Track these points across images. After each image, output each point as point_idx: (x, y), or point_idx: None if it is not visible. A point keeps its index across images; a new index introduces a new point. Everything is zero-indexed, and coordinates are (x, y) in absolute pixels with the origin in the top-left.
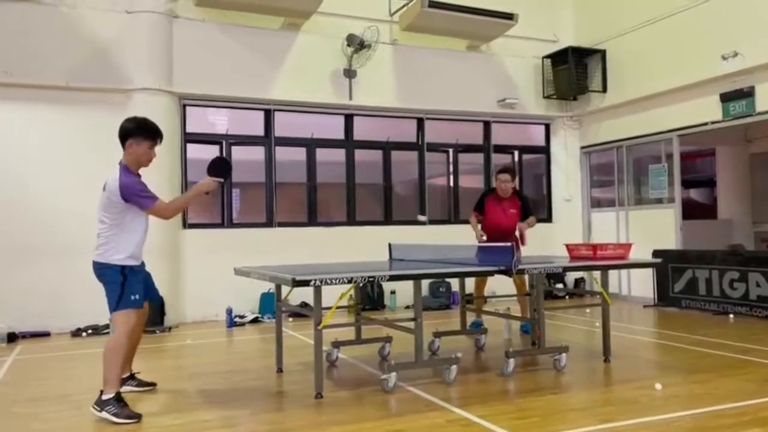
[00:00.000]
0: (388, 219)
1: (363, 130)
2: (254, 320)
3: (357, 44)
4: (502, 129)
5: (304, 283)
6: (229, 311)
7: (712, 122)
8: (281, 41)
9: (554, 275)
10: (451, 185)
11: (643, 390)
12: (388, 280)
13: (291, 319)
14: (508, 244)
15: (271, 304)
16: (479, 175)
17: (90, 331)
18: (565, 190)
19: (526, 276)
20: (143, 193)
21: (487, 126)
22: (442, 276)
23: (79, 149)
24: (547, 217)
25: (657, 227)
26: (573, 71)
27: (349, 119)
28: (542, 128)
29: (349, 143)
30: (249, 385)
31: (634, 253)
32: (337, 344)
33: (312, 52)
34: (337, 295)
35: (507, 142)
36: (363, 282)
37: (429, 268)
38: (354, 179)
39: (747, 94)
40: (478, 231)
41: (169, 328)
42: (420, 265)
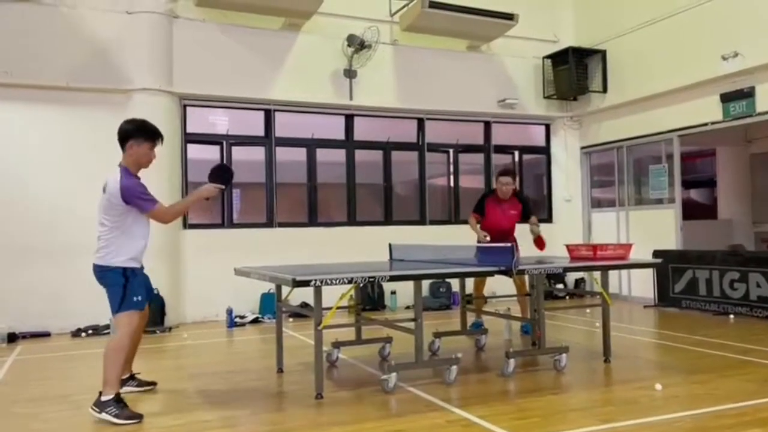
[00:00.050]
0: (388, 219)
1: (363, 130)
2: (254, 320)
3: (357, 44)
4: (502, 129)
5: (305, 283)
6: (230, 311)
7: (713, 122)
8: (281, 41)
9: (554, 275)
10: (452, 185)
11: (643, 390)
12: (389, 280)
13: (291, 319)
14: (508, 244)
15: (271, 304)
16: (479, 175)
17: (90, 332)
18: (565, 190)
19: (526, 276)
20: (144, 195)
21: (487, 126)
22: (443, 276)
23: (79, 149)
24: (548, 218)
25: (657, 227)
26: (573, 71)
27: (350, 119)
28: (542, 128)
29: (349, 143)
30: (249, 386)
31: (635, 254)
32: (337, 344)
33: (312, 52)
34: (337, 295)
35: (507, 143)
36: (363, 282)
37: (429, 268)
38: (354, 179)
39: (747, 94)
40: (480, 232)
41: (170, 329)
42: (420, 266)
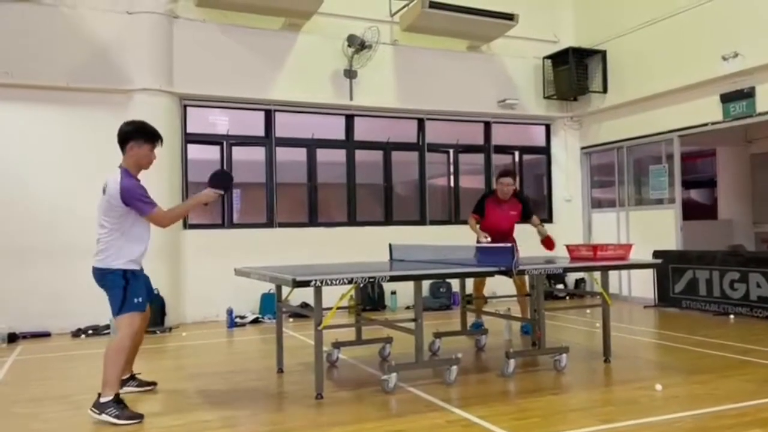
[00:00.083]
0: (388, 219)
1: (363, 130)
2: (255, 321)
3: (357, 45)
4: (502, 129)
5: (305, 283)
6: (230, 312)
7: (713, 123)
8: (282, 42)
9: (554, 276)
10: (452, 186)
11: (643, 390)
12: (389, 280)
13: (291, 319)
14: (508, 244)
15: (271, 304)
16: (480, 175)
17: (90, 332)
18: (565, 190)
19: (527, 276)
20: (144, 198)
21: (487, 126)
22: (443, 276)
23: (79, 149)
24: (548, 218)
25: (657, 228)
26: (573, 72)
27: (350, 120)
28: (543, 129)
29: (349, 144)
30: (249, 386)
31: (635, 254)
32: (337, 345)
33: (312, 52)
34: (337, 295)
35: (507, 143)
36: (363, 282)
37: (429, 268)
38: (354, 180)
39: (747, 94)
40: (480, 233)
41: (170, 329)
42: (420, 266)
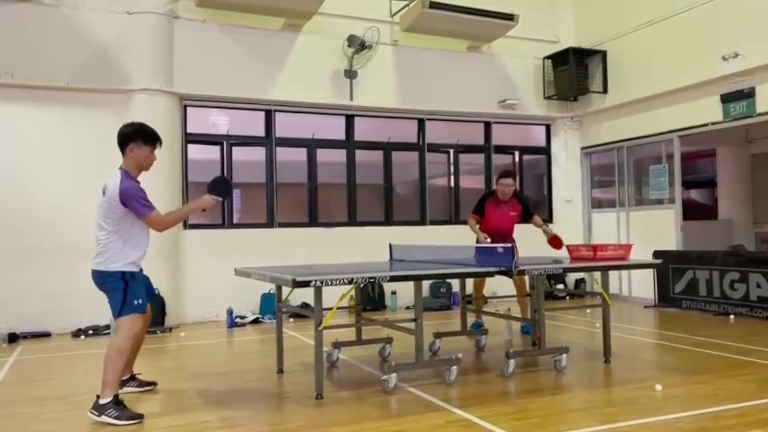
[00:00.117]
0: (388, 219)
1: (364, 130)
2: (255, 321)
3: (358, 45)
4: (502, 129)
5: (305, 283)
6: (230, 312)
7: (713, 123)
8: (282, 42)
9: (555, 276)
10: (452, 186)
11: (643, 391)
12: (389, 280)
13: (292, 319)
14: (509, 244)
15: (271, 304)
16: (480, 175)
17: (90, 332)
18: (565, 190)
19: (527, 277)
20: (143, 200)
21: (487, 126)
22: (443, 276)
23: (79, 149)
24: (548, 218)
25: (657, 228)
26: (573, 72)
27: (350, 120)
28: (543, 129)
29: (349, 144)
30: (249, 386)
31: (635, 254)
32: (337, 345)
33: (313, 52)
34: (337, 295)
35: (507, 143)
36: (364, 283)
37: (430, 268)
38: (355, 180)
39: (747, 95)
40: (480, 233)
41: (170, 329)
42: (421, 266)
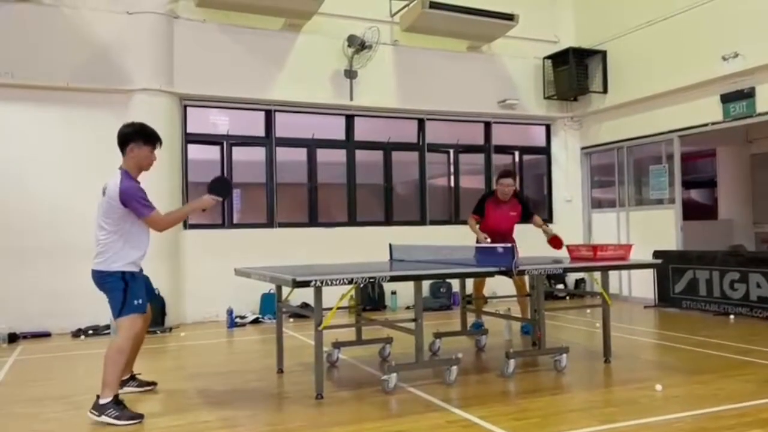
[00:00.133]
0: (388, 219)
1: (364, 130)
2: (255, 321)
3: (358, 45)
4: (502, 129)
5: (305, 283)
6: (230, 312)
7: (713, 123)
8: (282, 42)
9: (555, 276)
10: (452, 186)
11: (643, 391)
12: (389, 280)
13: (292, 319)
14: (509, 244)
15: (271, 304)
16: (480, 175)
17: (90, 332)
18: (565, 190)
19: (527, 277)
20: (142, 200)
21: (487, 126)
22: (443, 276)
23: (79, 149)
24: (548, 218)
25: (657, 228)
26: (573, 72)
27: (350, 120)
28: (543, 129)
29: (349, 144)
30: (249, 386)
31: (635, 254)
32: (337, 345)
33: (313, 52)
34: (337, 295)
35: (507, 143)
36: (364, 283)
37: (430, 268)
38: (355, 180)
39: (747, 95)
40: (480, 234)
41: (170, 329)
42: (421, 266)
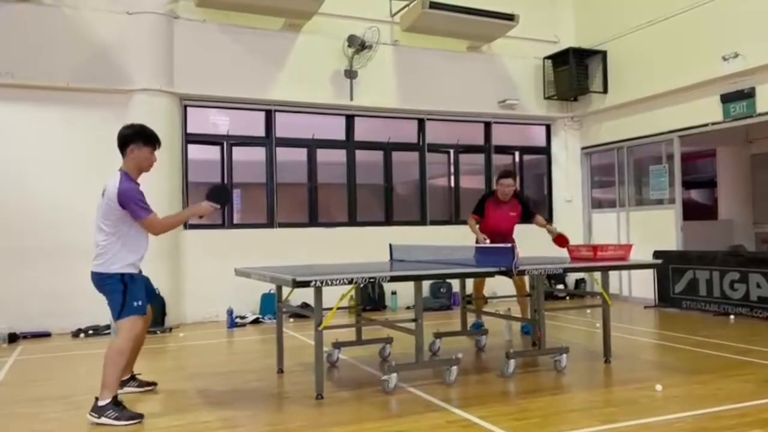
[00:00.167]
0: (388, 220)
1: (364, 130)
2: (255, 321)
3: (358, 45)
4: (502, 130)
5: (305, 284)
6: (230, 312)
7: (713, 123)
8: (282, 42)
9: (555, 276)
10: (452, 186)
11: (643, 391)
12: (389, 280)
13: (292, 319)
14: (509, 245)
15: (271, 304)
16: (480, 175)
17: (90, 332)
18: (565, 190)
19: (527, 277)
20: (141, 203)
21: (487, 127)
22: (443, 277)
23: (79, 149)
24: (548, 218)
25: (657, 228)
26: (574, 72)
27: (350, 120)
28: (543, 129)
29: (350, 144)
30: (249, 386)
31: (635, 254)
32: (337, 345)
33: (313, 52)
34: (337, 295)
35: (508, 143)
36: (364, 283)
37: (430, 268)
38: (355, 180)
39: (747, 95)
40: (479, 234)
41: (170, 329)
42: (421, 266)
